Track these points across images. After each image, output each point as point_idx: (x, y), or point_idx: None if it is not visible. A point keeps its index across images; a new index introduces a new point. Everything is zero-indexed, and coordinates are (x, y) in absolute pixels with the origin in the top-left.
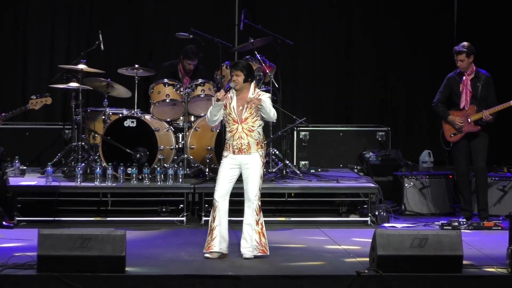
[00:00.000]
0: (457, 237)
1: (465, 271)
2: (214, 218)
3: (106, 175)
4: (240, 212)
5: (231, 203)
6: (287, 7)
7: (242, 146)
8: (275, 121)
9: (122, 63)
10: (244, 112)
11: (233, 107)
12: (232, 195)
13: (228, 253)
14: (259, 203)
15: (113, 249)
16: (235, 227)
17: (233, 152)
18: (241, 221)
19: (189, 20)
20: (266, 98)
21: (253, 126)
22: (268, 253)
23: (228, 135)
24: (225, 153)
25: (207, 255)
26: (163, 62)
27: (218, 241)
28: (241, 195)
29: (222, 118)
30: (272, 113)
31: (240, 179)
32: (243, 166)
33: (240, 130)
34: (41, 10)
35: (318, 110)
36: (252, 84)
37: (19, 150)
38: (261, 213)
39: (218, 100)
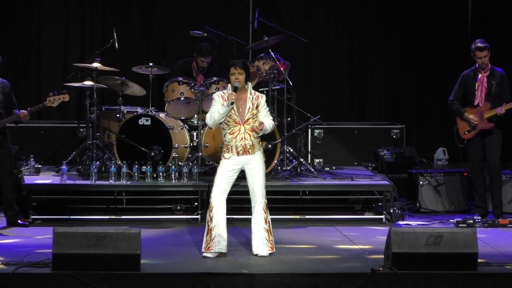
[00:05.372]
0: (472, 235)
1: (480, 268)
2: (211, 218)
3: (120, 173)
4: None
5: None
6: (301, 5)
7: (246, 146)
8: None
9: (136, 61)
10: (247, 113)
11: (233, 109)
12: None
13: (226, 252)
14: (266, 201)
15: (127, 247)
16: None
17: (237, 154)
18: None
19: (203, 18)
20: (264, 102)
21: (254, 126)
22: (275, 250)
23: (229, 137)
24: (226, 155)
25: (206, 254)
26: (177, 60)
27: (218, 241)
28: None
29: None
30: (270, 128)
31: (240, 177)
32: (247, 166)
33: (242, 131)
34: (55, 8)
35: (332, 108)
36: (249, 84)
37: (34, 148)
38: (268, 210)
39: (232, 103)
